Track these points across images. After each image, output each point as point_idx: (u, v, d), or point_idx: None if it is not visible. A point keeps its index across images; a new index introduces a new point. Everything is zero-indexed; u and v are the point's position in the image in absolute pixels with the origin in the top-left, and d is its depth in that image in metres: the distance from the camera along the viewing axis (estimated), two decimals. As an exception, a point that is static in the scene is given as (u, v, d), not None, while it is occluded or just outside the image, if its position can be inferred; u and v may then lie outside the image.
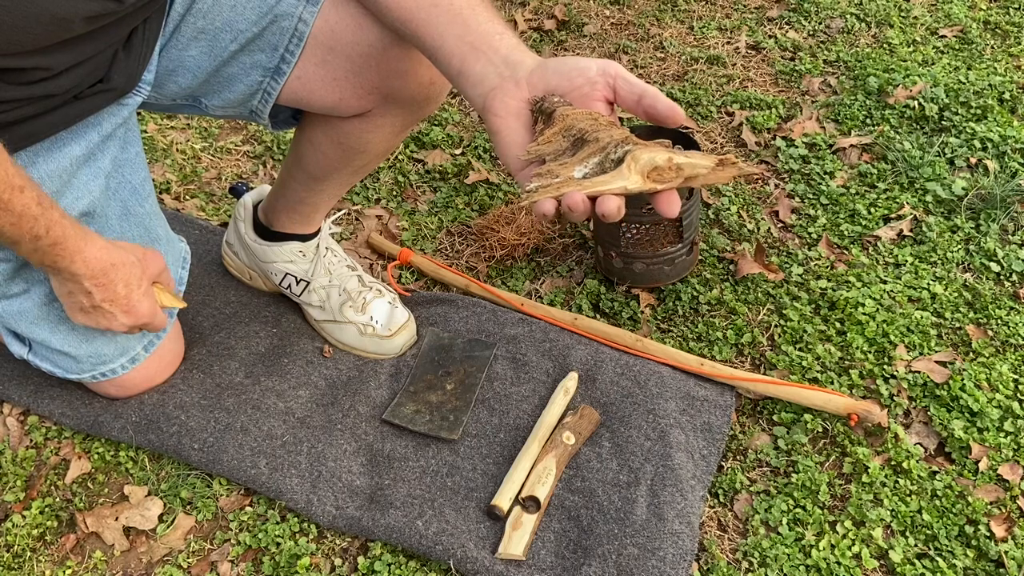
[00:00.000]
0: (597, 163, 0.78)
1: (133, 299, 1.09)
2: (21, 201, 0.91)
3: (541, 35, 2.22)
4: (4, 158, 0.89)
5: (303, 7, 1.05)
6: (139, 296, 1.09)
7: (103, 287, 1.05)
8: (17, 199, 0.91)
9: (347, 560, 1.13)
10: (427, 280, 1.54)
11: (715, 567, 1.09)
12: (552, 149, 0.81)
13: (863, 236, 1.56)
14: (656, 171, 0.75)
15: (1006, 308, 1.40)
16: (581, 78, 0.82)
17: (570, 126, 0.80)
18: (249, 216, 1.40)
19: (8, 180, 0.89)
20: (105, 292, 1.05)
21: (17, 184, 0.91)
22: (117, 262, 1.05)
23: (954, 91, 1.85)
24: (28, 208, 0.92)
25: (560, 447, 1.18)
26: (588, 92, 0.82)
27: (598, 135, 0.78)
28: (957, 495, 1.15)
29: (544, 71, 0.84)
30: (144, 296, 1.10)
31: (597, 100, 0.83)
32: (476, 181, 1.74)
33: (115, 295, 1.07)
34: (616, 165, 0.76)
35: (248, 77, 1.09)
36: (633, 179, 0.75)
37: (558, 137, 0.81)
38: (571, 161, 0.79)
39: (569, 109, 0.80)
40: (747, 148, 1.79)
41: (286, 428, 1.25)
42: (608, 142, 0.78)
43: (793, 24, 2.18)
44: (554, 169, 0.78)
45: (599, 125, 0.79)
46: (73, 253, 1.01)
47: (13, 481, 1.24)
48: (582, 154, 0.79)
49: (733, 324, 1.41)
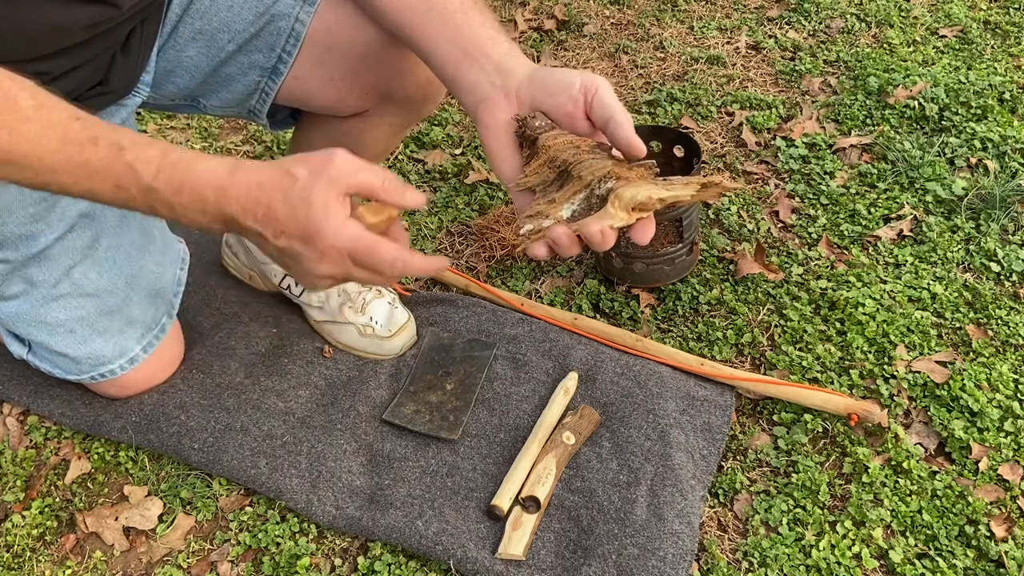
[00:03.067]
0: (583, 199, 0.81)
1: (304, 217, 0.76)
2: (98, 155, 0.76)
3: (541, 35, 2.22)
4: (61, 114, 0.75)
5: (299, 7, 1.05)
6: (318, 214, 0.76)
7: (262, 219, 0.77)
8: (92, 152, 0.76)
9: (347, 560, 1.13)
10: (427, 280, 1.54)
11: (715, 567, 1.09)
12: (539, 180, 0.84)
13: (863, 236, 1.56)
14: (640, 205, 0.77)
15: (1006, 308, 1.40)
16: (564, 95, 0.83)
17: (553, 157, 0.82)
18: (249, 216, 1.39)
19: (71, 136, 0.75)
20: (268, 222, 0.77)
21: (85, 137, 0.75)
22: (264, 179, 0.76)
23: (954, 91, 1.85)
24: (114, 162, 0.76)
25: (560, 447, 1.18)
26: (571, 111, 0.83)
27: (581, 171, 0.80)
28: (957, 495, 1.15)
29: (532, 85, 0.84)
30: (330, 214, 0.76)
31: (580, 118, 0.84)
32: (476, 181, 1.74)
33: (278, 220, 0.76)
34: (601, 203, 0.79)
35: (246, 77, 1.09)
36: (619, 216, 0.77)
37: (543, 169, 0.83)
38: (559, 198, 0.81)
39: (551, 137, 0.82)
40: (747, 148, 1.79)
41: (286, 428, 1.25)
42: (591, 179, 0.80)
43: (793, 24, 2.18)
44: (544, 210, 0.81)
45: (582, 154, 0.81)
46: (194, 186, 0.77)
47: (13, 481, 1.24)
48: (568, 191, 0.81)
49: (733, 324, 1.41)
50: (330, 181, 0.76)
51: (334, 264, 0.78)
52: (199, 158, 0.77)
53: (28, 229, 1.07)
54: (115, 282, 1.17)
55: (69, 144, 0.74)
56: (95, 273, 1.15)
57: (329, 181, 0.76)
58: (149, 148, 0.76)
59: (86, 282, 1.15)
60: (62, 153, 0.74)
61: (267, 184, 0.76)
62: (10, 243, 1.07)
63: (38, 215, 1.06)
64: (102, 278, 1.16)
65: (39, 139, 0.74)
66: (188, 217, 0.78)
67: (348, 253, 0.77)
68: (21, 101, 0.74)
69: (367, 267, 0.79)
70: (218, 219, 0.78)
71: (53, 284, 1.13)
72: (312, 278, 0.80)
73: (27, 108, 0.74)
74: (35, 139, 0.74)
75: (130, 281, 1.19)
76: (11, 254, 1.08)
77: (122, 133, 0.77)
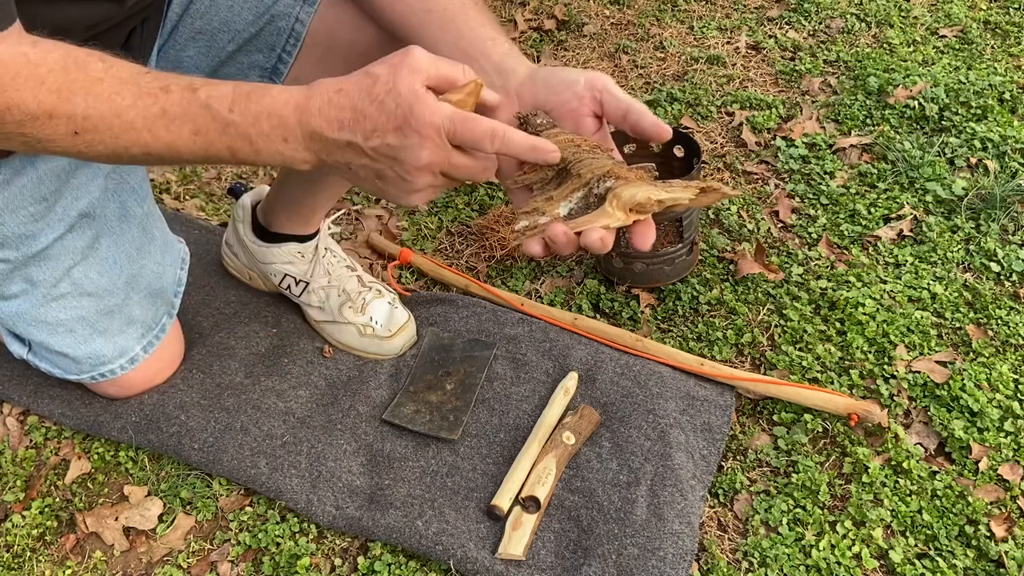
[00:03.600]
0: (581, 198, 0.80)
1: (395, 107, 0.72)
2: (172, 101, 0.76)
3: (541, 35, 2.22)
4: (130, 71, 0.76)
5: (300, 7, 1.05)
6: (409, 98, 0.72)
7: (350, 123, 0.74)
8: (166, 100, 0.76)
9: (347, 560, 1.13)
10: (427, 280, 1.54)
11: (715, 567, 1.09)
12: (538, 178, 0.83)
13: (863, 236, 1.56)
14: (638, 205, 0.77)
15: (1006, 308, 1.40)
16: (568, 92, 0.82)
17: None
18: (248, 217, 1.40)
19: (144, 88, 0.75)
20: (356, 125, 0.74)
21: (158, 88, 0.76)
22: (343, 85, 0.75)
23: (954, 91, 1.85)
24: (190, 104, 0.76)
25: (560, 447, 1.18)
26: (576, 107, 0.83)
27: (580, 168, 0.79)
28: (957, 495, 1.15)
29: (534, 84, 0.84)
30: (419, 96, 0.72)
31: (585, 115, 0.83)
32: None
33: (367, 118, 0.73)
34: (599, 201, 0.79)
35: (246, 77, 1.09)
36: (616, 216, 0.77)
37: (543, 167, 0.82)
38: (556, 196, 0.80)
39: (552, 135, 0.81)
40: (747, 148, 1.79)
41: (286, 428, 1.25)
42: (590, 177, 0.79)
43: (793, 24, 2.18)
44: (540, 207, 0.81)
45: (581, 152, 0.81)
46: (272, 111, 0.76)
47: (13, 481, 1.25)
48: (566, 188, 0.80)
49: (733, 324, 1.41)
50: (411, 71, 0.73)
51: (434, 148, 0.74)
52: (271, 87, 0.77)
53: (28, 228, 1.07)
54: (115, 282, 1.17)
55: (143, 96, 0.75)
56: (95, 273, 1.15)
57: (411, 71, 0.73)
58: (221, 86, 0.77)
59: (86, 282, 1.15)
60: (138, 106, 0.75)
61: (348, 88, 0.74)
62: (10, 242, 1.07)
63: (38, 214, 1.06)
64: (102, 278, 1.16)
65: (114, 97, 0.75)
66: (270, 148, 0.77)
67: (446, 131, 0.73)
68: (91, 65, 0.75)
69: (468, 144, 0.75)
70: (302, 141, 0.76)
71: (53, 284, 1.13)
72: (414, 174, 0.76)
73: (97, 70, 0.75)
74: (110, 97, 0.75)
75: (130, 281, 1.19)
76: (11, 253, 1.08)
77: (191, 78, 0.77)
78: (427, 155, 0.74)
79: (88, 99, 0.74)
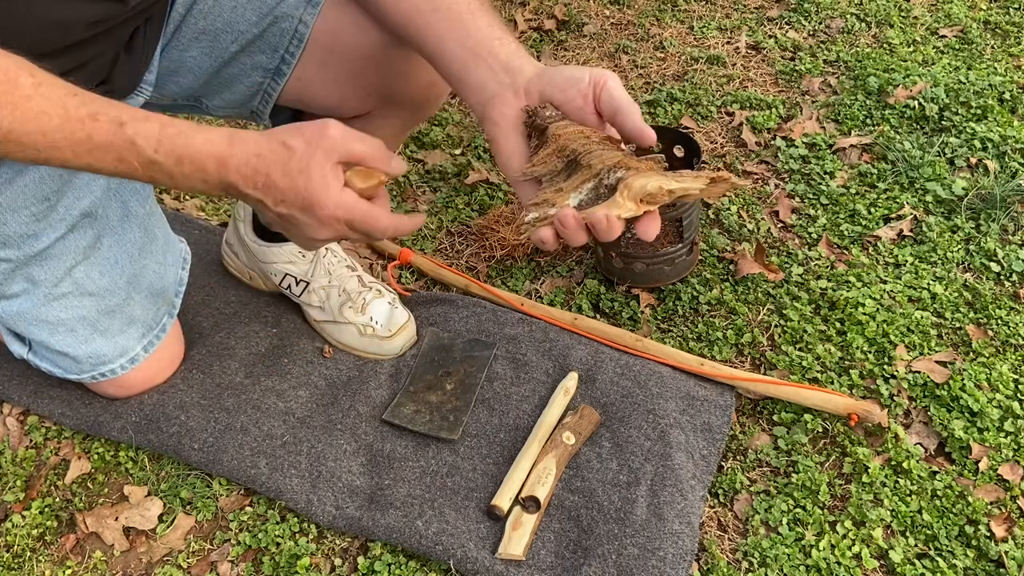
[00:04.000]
0: (591, 189, 0.80)
1: (303, 189, 0.80)
2: (100, 131, 0.78)
3: (541, 35, 2.22)
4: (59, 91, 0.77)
5: (303, 9, 1.05)
6: (317, 186, 0.80)
7: (262, 188, 0.82)
8: (93, 128, 0.78)
9: (347, 560, 1.13)
10: (427, 280, 1.54)
11: (715, 567, 1.09)
12: (547, 170, 0.83)
13: (863, 236, 1.56)
14: (649, 196, 0.77)
15: (1006, 308, 1.40)
16: (574, 89, 0.83)
17: (563, 147, 0.81)
18: (248, 216, 1.40)
19: (71, 113, 0.77)
20: (268, 191, 0.82)
21: (85, 114, 0.78)
22: (262, 151, 0.81)
23: (954, 91, 1.85)
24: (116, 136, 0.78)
25: (560, 447, 1.18)
26: (581, 105, 0.84)
27: (591, 160, 0.80)
28: (957, 495, 1.15)
29: (541, 82, 0.84)
30: (328, 186, 0.80)
31: (590, 113, 0.84)
32: (476, 181, 1.74)
33: (278, 189, 0.81)
34: (610, 192, 0.79)
35: (248, 78, 1.09)
36: (627, 206, 0.77)
37: (552, 158, 0.82)
38: (566, 187, 0.80)
39: (561, 127, 0.81)
40: (747, 148, 1.79)
41: (286, 428, 1.25)
42: (601, 168, 0.79)
43: (793, 24, 2.18)
44: (550, 198, 0.81)
45: (592, 144, 0.81)
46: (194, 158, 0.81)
47: (13, 481, 1.25)
48: (576, 179, 0.80)
49: (733, 324, 1.41)
50: (326, 153, 0.81)
51: (332, 230, 0.84)
52: (197, 130, 0.81)
53: (30, 228, 1.07)
54: (116, 281, 1.17)
55: (70, 121, 0.77)
56: (97, 272, 1.15)
57: (325, 153, 0.81)
58: (148, 122, 0.79)
59: (87, 281, 1.15)
60: (64, 130, 0.77)
61: (265, 155, 0.80)
62: (12, 242, 1.07)
63: (40, 214, 1.06)
64: (104, 277, 1.16)
65: (41, 116, 0.76)
66: (188, 185, 0.82)
67: (346, 221, 0.83)
68: (21, 79, 0.76)
69: (361, 231, 0.85)
70: (218, 187, 0.83)
71: (55, 283, 1.13)
72: (309, 242, 0.87)
73: (27, 86, 0.76)
74: (37, 116, 0.76)
75: (132, 280, 1.19)
76: (13, 253, 1.08)
77: (120, 108, 0.79)
78: (324, 234, 0.85)
79: (15, 114, 0.75)
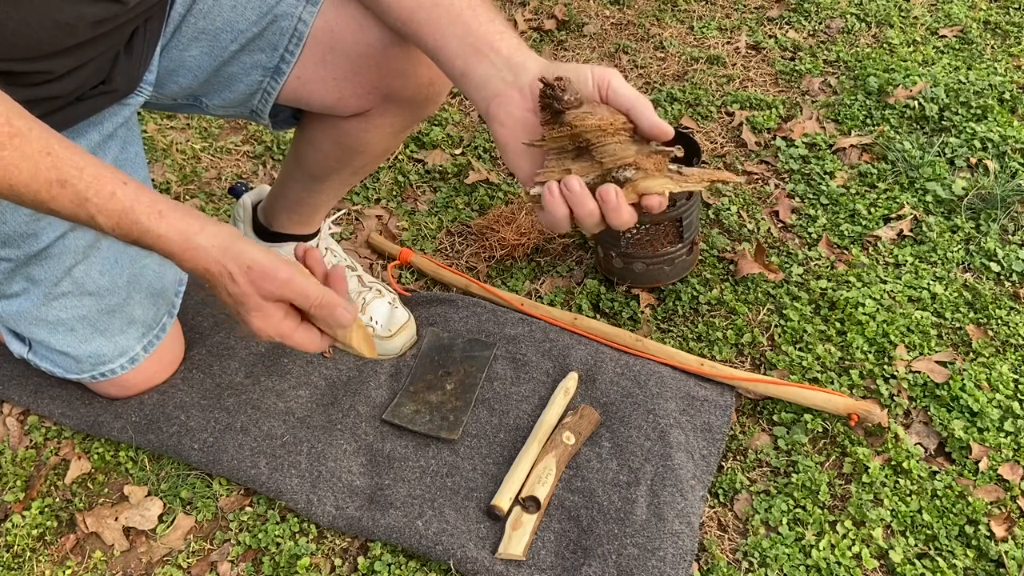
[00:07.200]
0: (598, 176, 0.81)
1: (243, 315, 0.88)
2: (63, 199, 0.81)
3: (541, 35, 2.22)
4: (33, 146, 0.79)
5: (303, 7, 1.05)
6: (253, 319, 0.88)
7: (209, 289, 0.89)
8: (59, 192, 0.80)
9: (347, 560, 1.13)
10: (427, 280, 1.54)
11: (715, 567, 1.09)
12: (556, 147, 0.83)
13: (863, 236, 1.56)
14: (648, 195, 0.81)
15: (1006, 308, 1.40)
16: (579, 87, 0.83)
17: (578, 134, 0.81)
18: (248, 217, 1.40)
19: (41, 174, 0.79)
20: (214, 292, 0.89)
21: (55, 178, 0.80)
22: (211, 268, 0.86)
23: (954, 91, 1.85)
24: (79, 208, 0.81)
25: (560, 447, 1.18)
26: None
27: (602, 156, 0.80)
28: (957, 495, 1.15)
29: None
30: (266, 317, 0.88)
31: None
32: (476, 181, 1.74)
33: (222, 298, 0.89)
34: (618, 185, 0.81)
35: (248, 77, 1.09)
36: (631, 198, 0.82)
37: (564, 139, 0.82)
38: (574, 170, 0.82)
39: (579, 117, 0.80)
40: (747, 148, 1.79)
41: (286, 428, 1.25)
42: (611, 166, 0.80)
43: (793, 24, 2.18)
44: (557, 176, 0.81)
45: (606, 136, 0.81)
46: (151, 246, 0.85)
47: (13, 481, 1.24)
48: (584, 167, 0.81)
49: (733, 324, 1.41)
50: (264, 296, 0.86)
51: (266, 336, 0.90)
52: (157, 223, 0.83)
53: (30, 227, 1.07)
54: (116, 281, 1.17)
55: (37, 181, 0.79)
56: (97, 272, 1.15)
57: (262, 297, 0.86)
58: (111, 202, 0.81)
59: (87, 281, 1.15)
60: (30, 187, 0.79)
61: (213, 273, 0.85)
62: (12, 241, 1.07)
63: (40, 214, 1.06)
64: (104, 277, 1.16)
65: (11, 169, 0.78)
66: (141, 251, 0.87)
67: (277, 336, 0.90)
68: None
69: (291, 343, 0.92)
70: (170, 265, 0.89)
71: (54, 283, 1.13)
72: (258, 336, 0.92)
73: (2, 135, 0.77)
74: (7, 168, 0.78)
75: (132, 280, 1.19)
76: (13, 252, 1.08)
77: (88, 180, 0.81)
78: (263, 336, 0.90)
79: None
